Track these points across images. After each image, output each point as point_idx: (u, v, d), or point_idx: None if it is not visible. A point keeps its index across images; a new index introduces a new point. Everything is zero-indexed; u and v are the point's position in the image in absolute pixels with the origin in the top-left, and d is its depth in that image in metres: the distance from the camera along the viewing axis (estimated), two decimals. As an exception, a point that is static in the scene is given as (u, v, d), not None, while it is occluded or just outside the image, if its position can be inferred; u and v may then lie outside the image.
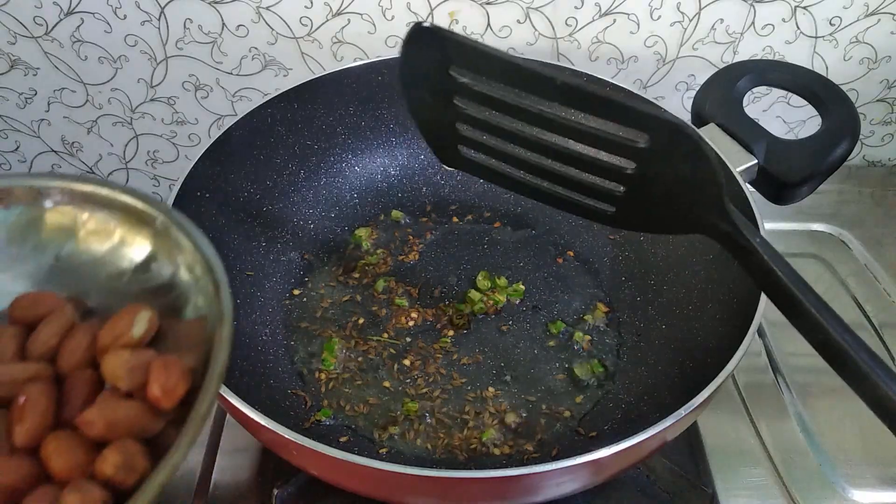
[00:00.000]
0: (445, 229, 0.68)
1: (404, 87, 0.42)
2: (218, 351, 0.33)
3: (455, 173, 0.71)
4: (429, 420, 0.55)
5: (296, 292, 0.63)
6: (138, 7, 0.70)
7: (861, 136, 0.82)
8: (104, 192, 0.37)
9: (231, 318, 0.34)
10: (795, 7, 0.71)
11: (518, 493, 0.44)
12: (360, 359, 0.59)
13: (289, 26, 0.72)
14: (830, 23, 0.72)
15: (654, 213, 0.42)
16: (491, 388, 0.57)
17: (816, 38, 0.73)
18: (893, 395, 0.34)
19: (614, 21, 0.71)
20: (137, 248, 0.38)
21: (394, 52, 0.73)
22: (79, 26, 0.72)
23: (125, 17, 0.71)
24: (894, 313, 0.68)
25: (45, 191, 0.38)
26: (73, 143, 0.82)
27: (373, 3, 0.70)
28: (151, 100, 0.78)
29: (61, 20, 0.72)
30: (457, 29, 0.72)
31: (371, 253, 0.66)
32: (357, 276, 0.64)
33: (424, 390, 0.57)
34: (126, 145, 0.82)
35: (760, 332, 0.66)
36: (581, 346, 0.60)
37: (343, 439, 0.54)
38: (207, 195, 0.58)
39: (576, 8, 0.70)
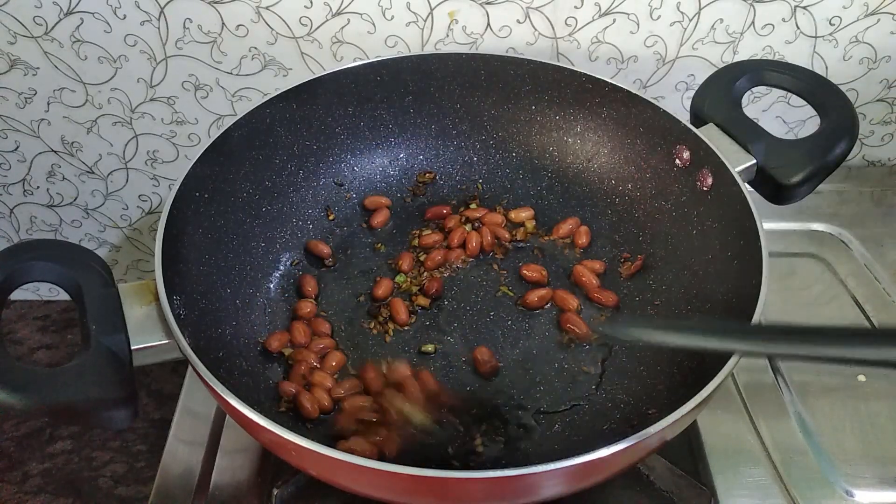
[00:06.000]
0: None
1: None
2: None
3: (454, 174, 0.71)
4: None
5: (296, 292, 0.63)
6: (138, 7, 0.70)
7: (861, 136, 0.82)
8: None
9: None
10: (795, 7, 0.70)
11: (517, 493, 0.44)
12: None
13: (288, 26, 0.72)
14: (830, 23, 0.72)
15: None
16: (490, 388, 0.57)
17: (816, 37, 0.73)
18: None
19: (614, 21, 0.71)
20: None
21: (393, 52, 0.73)
22: (78, 26, 0.72)
23: (125, 16, 0.71)
24: (894, 313, 0.68)
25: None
26: (72, 142, 0.82)
27: (372, 3, 0.70)
28: (151, 100, 0.78)
29: (61, 20, 0.72)
30: (456, 29, 0.72)
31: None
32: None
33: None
34: (126, 145, 0.82)
35: (760, 332, 0.66)
36: (580, 345, 0.60)
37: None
38: (207, 195, 0.58)
39: (576, 8, 0.70)
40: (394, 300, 0.62)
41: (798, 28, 0.72)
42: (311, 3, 0.70)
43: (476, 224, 0.67)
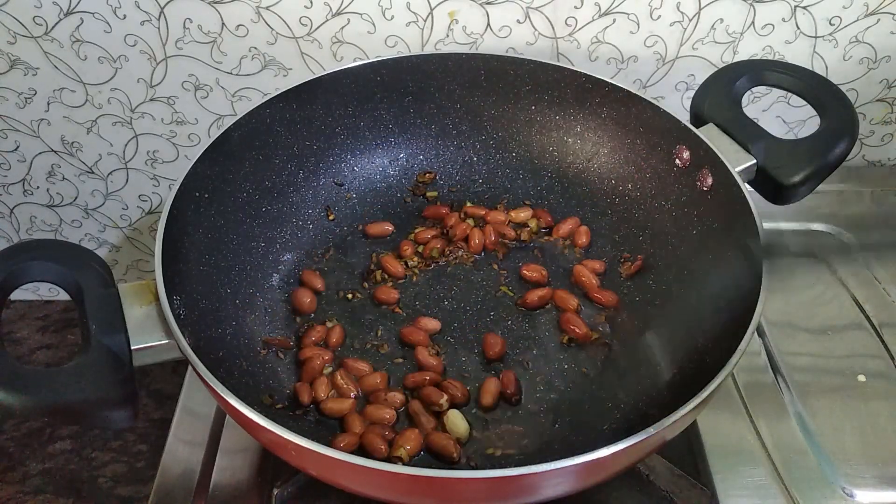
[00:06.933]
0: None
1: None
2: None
3: (453, 174, 0.71)
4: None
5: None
6: (138, 7, 0.70)
7: (861, 136, 0.82)
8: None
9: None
10: (795, 7, 0.71)
11: (518, 492, 0.44)
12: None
13: (288, 26, 0.72)
14: (830, 23, 0.72)
15: None
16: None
17: (816, 38, 0.73)
18: None
19: (614, 21, 0.71)
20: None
21: (393, 52, 0.73)
22: (78, 26, 0.72)
23: (125, 16, 0.71)
24: (894, 313, 0.68)
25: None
26: (72, 142, 0.82)
27: (372, 3, 0.70)
28: (151, 100, 0.78)
29: (61, 20, 0.72)
30: (456, 29, 0.72)
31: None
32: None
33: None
34: (126, 145, 0.82)
35: (760, 332, 0.66)
36: (580, 345, 0.60)
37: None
38: (207, 195, 0.58)
39: (576, 8, 0.70)
40: (384, 257, 0.64)
41: (798, 28, 0.72)
42: (311, 3, 0.70)
43: (480, 222, 0.67)
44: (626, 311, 0.62)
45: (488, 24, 0.72)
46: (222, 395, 0.44)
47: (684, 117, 0.61)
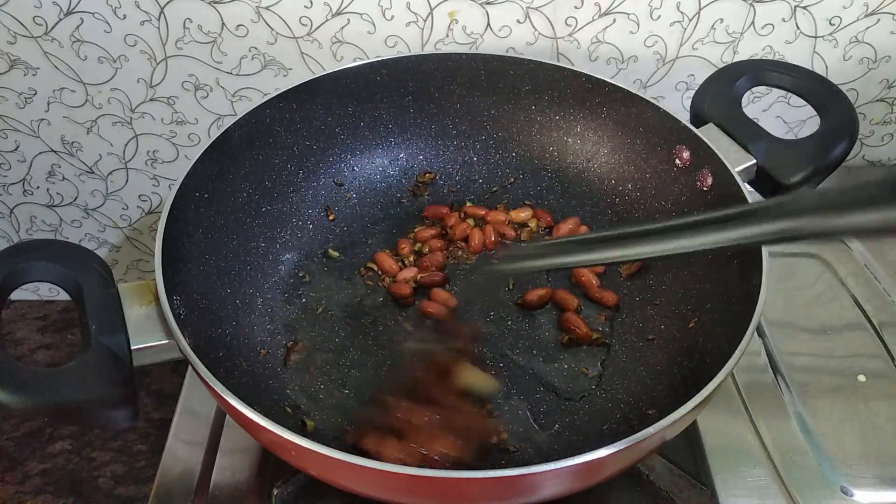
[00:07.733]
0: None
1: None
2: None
3: (454, 174, 0.71)
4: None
5: (296, 292, 0.63)
6: (138, 7, 0.70)
7: (861, 136, 0.82)
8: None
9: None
10: (795, 7, 0.71)
11: (518, 493, 0.44)
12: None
13: (288, 26, 0.72)
14: (830, 23, 0.72)
15: None
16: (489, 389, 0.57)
17: (816, 37, 0.73)
18: None
19: (614, 21, 0.71)
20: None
21: (393, 52, 0.73)
22: (78, 26, 0.72)
23: (125, 16, 0.71)
24: (894, 313, 0.68)
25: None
26: (72, 142, 0.82)
27: (373, 3, 0.70)
28: (151, 100, 0.78)
29: (61, 20, 0.72)
30: (456, 29, 0.72)
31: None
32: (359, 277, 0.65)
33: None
34: (126, 145, 0.82)
35: (760, 332, 0.66)
36: (580, 346, 0.60)
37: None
38: (206, 195, 0.58)
39: (576, 8, 0.70)
40: (378, 254, 0.65)
41: (798, 28, 0.72)
42: (311, 3, 0.70)
43: (480, 222, 0.67)
44: (626, 311, 0.62)
45: (488, 24, 0.72)
46: (222, 395, 0.44)
47: (684, 117, 0.61)
